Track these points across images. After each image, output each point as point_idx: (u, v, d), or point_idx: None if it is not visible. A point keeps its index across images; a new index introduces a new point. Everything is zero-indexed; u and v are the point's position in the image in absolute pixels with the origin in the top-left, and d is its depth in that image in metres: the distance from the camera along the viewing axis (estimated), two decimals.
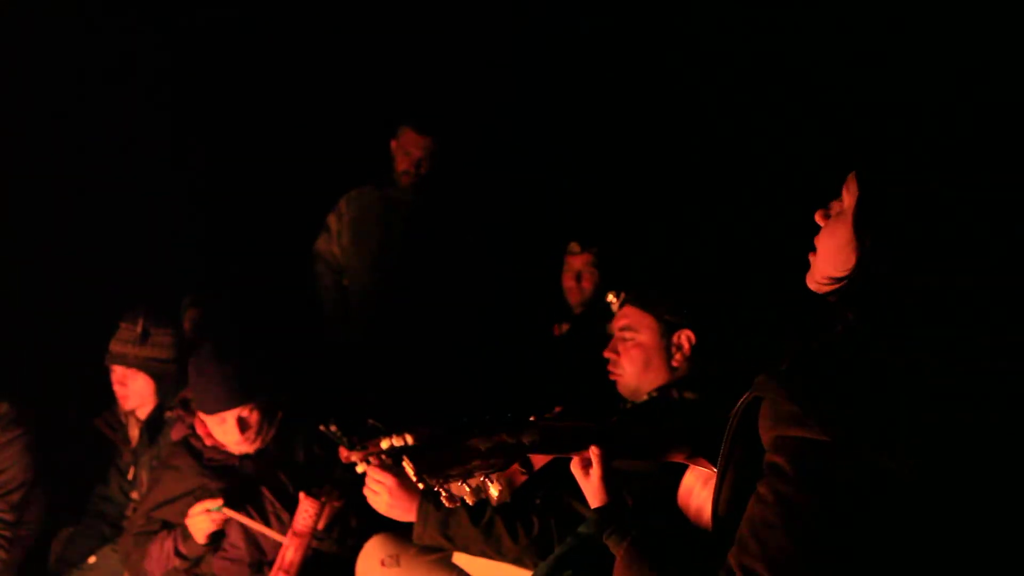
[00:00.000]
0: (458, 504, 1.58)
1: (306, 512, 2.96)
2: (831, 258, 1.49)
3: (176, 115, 4.28)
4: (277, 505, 3.13)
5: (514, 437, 1.56)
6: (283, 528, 3.08)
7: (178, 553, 3.08)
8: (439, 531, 2.70)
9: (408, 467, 1.52)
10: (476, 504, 1.77)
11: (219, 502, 3.01)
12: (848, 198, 1.48)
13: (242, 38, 4.37)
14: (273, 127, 4.41)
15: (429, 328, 4.08)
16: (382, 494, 2.73)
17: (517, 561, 2.63)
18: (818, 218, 1.54)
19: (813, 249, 1.55)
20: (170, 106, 4.25)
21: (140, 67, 4.15)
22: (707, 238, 4.08)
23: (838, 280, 1.47)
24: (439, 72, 4.35)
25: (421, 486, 1.54)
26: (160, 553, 3.10)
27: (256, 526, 3.03)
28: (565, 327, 4.07)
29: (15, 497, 3.49)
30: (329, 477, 3.21)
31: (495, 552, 2.64)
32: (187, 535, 3.07)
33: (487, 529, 2.63)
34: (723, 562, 1.39)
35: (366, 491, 2.75)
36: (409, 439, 2.72)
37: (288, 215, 4.40)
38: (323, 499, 2.98)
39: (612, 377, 2.78)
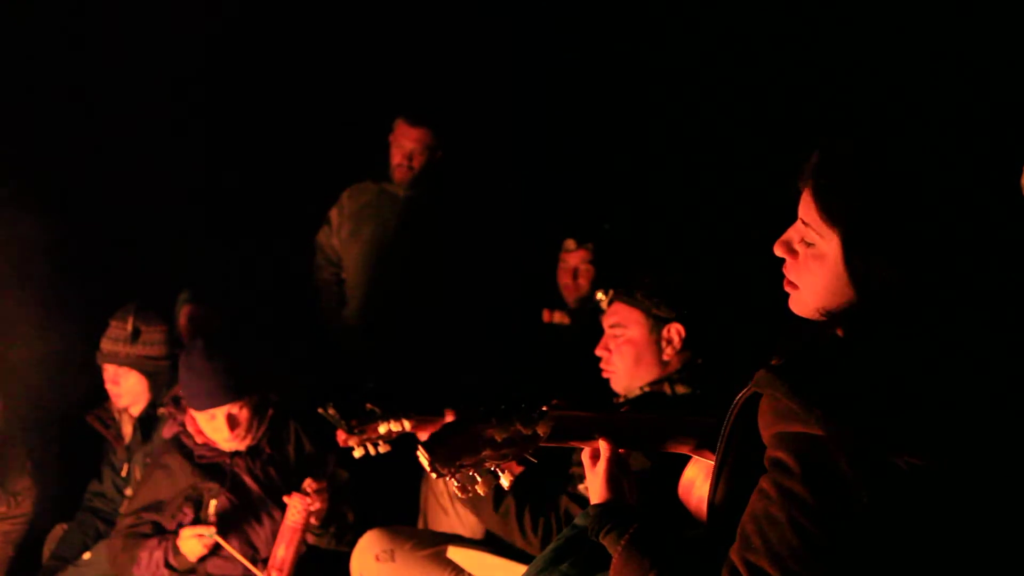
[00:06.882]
0: (470, 494, 1.57)
1: (294, 508, 2.97)
2: (820, 297, 1.45)
3: (175, 110, 4.26)
4: (268, 502, 3.15)
5: (529, 428, 1.55)
6: (274, 524, 3.10)
7: (168, 565, 3.08)
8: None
9: (422, 457, 1.53)
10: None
11: (212, 529, 3.02)
12: (825, 244, 1.42)
13: (241, 32, 4.34)
14: (271, 122, 4.41)
15: (421, 321, 4.09)
16: None
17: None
18: (782, 253, 1.49)
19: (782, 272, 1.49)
20: (169, 101, 4.24)
21: (138, 60, 4.13)
22: (697, 231, 4.09)
23: (836, 311, 1.44)
24: (438, 66, 4.34)
25: (434, 476, 1.55)
26: (149, 562, 3.09)
27: (243, 560, 3.04)
28: (556, 314, 4.07)
29: None
30: (324, 473, 3.23)
31: (511, 540, 2.67)
32: (178, 550, 3.07)
33: (504, 516, 2.65)
34: (723, 558, 1.38)
35: None
36: (407, 425, 2.73)
37: (282, 213, 4.41)
38: (310, 494, 2.99)
39: (604, 375, 2.80)
